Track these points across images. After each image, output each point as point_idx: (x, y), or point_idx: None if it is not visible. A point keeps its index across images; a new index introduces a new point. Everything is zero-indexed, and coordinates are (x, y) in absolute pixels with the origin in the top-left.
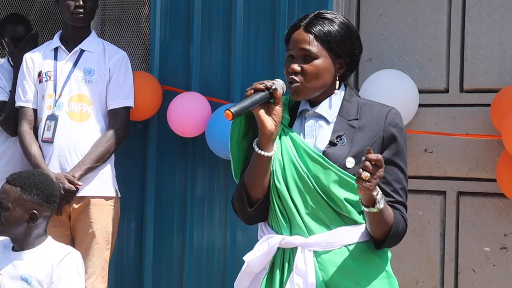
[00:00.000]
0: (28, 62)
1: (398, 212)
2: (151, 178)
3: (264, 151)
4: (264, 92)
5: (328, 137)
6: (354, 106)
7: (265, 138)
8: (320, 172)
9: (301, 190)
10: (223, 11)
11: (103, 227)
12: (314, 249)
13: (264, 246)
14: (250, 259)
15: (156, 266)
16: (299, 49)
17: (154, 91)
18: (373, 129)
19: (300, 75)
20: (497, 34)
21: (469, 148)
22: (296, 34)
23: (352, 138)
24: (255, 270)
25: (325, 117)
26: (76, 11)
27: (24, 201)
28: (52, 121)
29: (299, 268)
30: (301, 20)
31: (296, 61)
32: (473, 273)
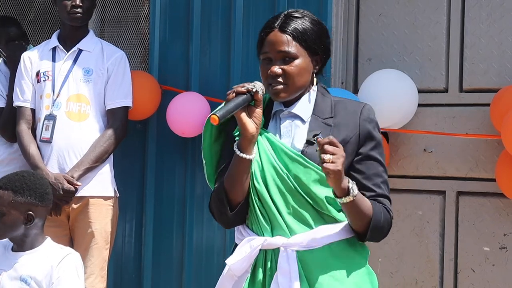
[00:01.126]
0: (26, 61)
1: (380, 205)
2: (151, 177)
3: (246, 154)
4: (246, 95)
5: (304, 137)
6: (328, 104)
7: (246, 141)
8: (300, 172)
9: (282, 191)
10: (222, 11)
11: (102, 227)
12: (296, 249)
13: (246, 249)
14: (233, 262)
15: (156, 266)
16: (278, 51)
17: (153, 91)
18: (348, 126)
19: (282, 77)
20: (497, 34)
21: (468, 148)
22: (272, 36)
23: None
24: (237, 273)
25: (300, 116)
26: (73, 10)
27: (18, 204)
28: (50, 121)
29: (283, 269)
30: (273, 22)
31: (275, 63)
32: (473, 273)
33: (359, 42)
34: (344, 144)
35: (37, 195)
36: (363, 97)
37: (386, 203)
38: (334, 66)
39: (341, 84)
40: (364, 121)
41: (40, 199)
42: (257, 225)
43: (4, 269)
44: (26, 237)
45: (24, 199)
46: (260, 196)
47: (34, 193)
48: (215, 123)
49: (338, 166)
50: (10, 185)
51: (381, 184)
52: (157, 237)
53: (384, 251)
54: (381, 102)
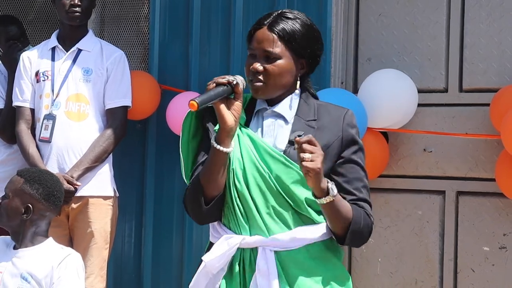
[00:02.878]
0: (25, 61)
1: (361, 209)
2: (150, 177)
3: (223, 146)
4: (226, 86)
5: (286, 137)
6: (311, 107)
7: (224, 133)
8: (282, 172)
9: (262, 190)
10: (222, 11)
11: (101, 226)
12: (275, 249)
13: (224, 247)
14: (209, 259)
15: (155, 266)
16: (262, 49)
17: (152, 91)
18: (331, 130)
19: (262, 74)
20: (496, 33)
21: (468, 148)
22: (260, 33)
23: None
24: (213, 270)
25: (284, 116)
26: (72, 10)
27: (23, 193)
28: (49, 120)
29: (261, 269)
30: (264, 19)
31: (258, 60)
32: (472, 273)
33: (359, 42)
34: (327, 147)
35: (43, 192)
36: (363, 97)
37: (366, 207)
38: (333, 66)
39: (341, 84)
40: (347, 125)
41: (45, 197)
42: (235, 224)
43: (5, 266)
44: (24, 231)
45: (30, 190)
46: (240, 195)
47: (42, 189)
48: (193, 109)
49: (317, 164)
50: (25, 174)
51: (362, 188)
52: (157, 237)
53: (384, 251)
54: (381, 102)
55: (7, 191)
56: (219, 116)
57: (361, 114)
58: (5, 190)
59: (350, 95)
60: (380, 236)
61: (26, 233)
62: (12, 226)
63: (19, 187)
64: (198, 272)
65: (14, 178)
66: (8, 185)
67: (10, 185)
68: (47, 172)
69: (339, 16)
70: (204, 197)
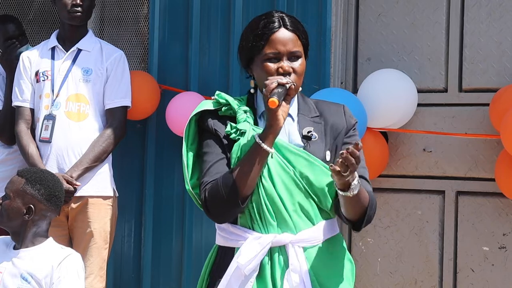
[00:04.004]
0: (25, 61)
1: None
2: (150, 177)
3: (270, 146)
4: (285, 87)
5: (296, 134)
6: (309, 104)
7: (273, 134)
8: (305, 168)
9: (288, 187)
10: (221, 11)
11: (101, 226)
12: (303, 245)
13: (256, 247)
14: (245, 261)
15: (155, 266)
16: (288, 50)
17: (152, 91)
18: (337, 124)
19: (292, 74)
20: (496, 33)
21: (468, 148)
22: (280, 35)
23: (323, 133)
24: (246, 272)
25: (291, 114)
26: (73, 9)
27: (25, 193)
28: (49, 120)
29: (294, 266)
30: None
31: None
32: (472, 273)
33: (359, 41)
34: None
35: (45, 193)
36: (362, 97)
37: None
38: (333, 66)
39: (341, 84)
40: (349, 117)
41: (47, 197)
42: (260, 222)
43: (5, 266)
44: (25, 232)
45: (31, 191)
46: (267, 193)
47: (44, 190)
48: (274, 106)
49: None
50: (26, 174)
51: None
52: (156, 237)
53: (384, 251)
54: (381, 101)
55: (7, 192)
56: (272, 116)
57: (360, 114)
58: (6, 191)
59: (349, 95)
60: (380, 236)
61: (27, 234)
62: (13, 226)
63: (20, 187)
64: (229, 274)
65: (14, 178)
66: (8, 186)
67: (11, 186)
68: (48, 172)
69: (338, 16)
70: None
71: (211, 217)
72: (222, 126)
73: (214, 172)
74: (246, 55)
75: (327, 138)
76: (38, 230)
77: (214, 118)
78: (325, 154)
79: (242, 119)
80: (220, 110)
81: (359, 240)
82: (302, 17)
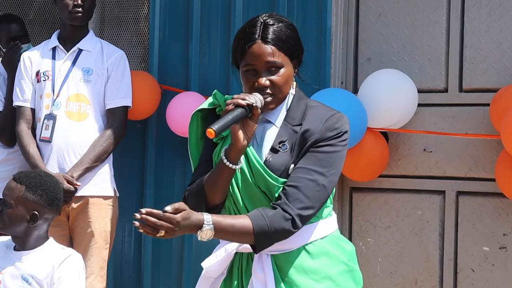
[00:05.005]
0: (26, 61)
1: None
2: (150, 177)
3: (232, 163)
4: (245, 108)
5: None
6: (301, 110)
7: (236, 152)
8: (262, 182)
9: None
10: (221, 11)
11: (101, 226)
12: (271, 253)
13: (221, 252)
14: (208, 265)
15: (155, 266)
16: (264, 62)
17: (153, 91)
18: (310, 132)
19: (269, 88)
20: (496, 33)
21: (468, 148)
22: (256, 48)
23: (293, 144)
24: (213, 275)
25: (274, 123)
26: (75, 10)
27: (27, 201)
28: (50, 120)
29: (258, 274)
30: (252, 32)
31: (261, 75)
32: (472, 273)
33: (359, 42)
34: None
35: (47, 197)
36: (362, 97)
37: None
38: (333, 66)
39: (341, 84)
40: (326, 129)
41: (49, 202)
42: None
43: (6, 267)
44: (28, 236)
45: (34, 197)
46: (236, 200)
47: (46, 195)
48: (211, 136)
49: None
50: (25, 180)
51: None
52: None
53: (384, 251)
54: (381, 102)
55: (8, 199)
56: (232, 134)
57: (361, 114)
58: (5, 198)
59: (350, 95)
60: (380, 236)
61: (30, 238)
62: (16, 232)
63: (21, 195)
64: (201, 277)
65: (13, 185)
66: (7, 193)
67: (11, 193)
68: (46, 174)
69: (339, 16)
70: (206, 203)
71: None
72: None
73: (197, 173)
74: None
75: (296, 149)
76: (40, 233)
77: (212, 117)
78: (289, 167)
79: None
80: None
81: (360, 240)
82: (302, 17)
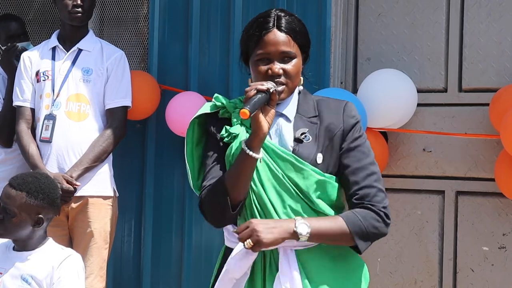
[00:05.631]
0: (25, 61)
1: (361, 209)
2: (150, 177)
3: (255, 152)
4: (265, 93)
5: (291, 135)
6: (310, 103)
7: (258, 140)
8: (292, 172)
9: (278, 191)
10: (221, 11)
11: (101, 226)
12: (295, 248)
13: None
14: (232, 265)
15: (155, 266)
16: (279, 51)
17: (152, 91)
18: (333, 123)
19: (283, 76)
20: (496, 33)
21: (467, 148)
22: (271, 36)
23: (316, 135)
24: (236, 275)
25: (286, 115)
26: (74, 10)
27: (30, 206)
28: (50, 120)
29: (284, 270)
30: (266, 21)
31: (274, 63)
32: (472, 273)
33: (358, 42)
34: (330, 140)
35: (49, 199)
36: (362, 97)
37: (372, 197)
38: (333, 66)
39: (340, 84)
40: (347, 116)
41: (51, 203)
42: None
43: (6, 268)
44: (31, 238)
45: (36, 202)
46: (258, 197)
47: (47, 197)
48: (245, 117)
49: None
50: (24, 187)
51: (367, 176)
52: (156, 236)
53: (383, 251)
54: (380, 101)
55: (10, 208)
56: (255, 123)
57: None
58: (7, 207)
59: (349, 95)
60: None
61: (34, 239)
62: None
63: (23, 201)
64: (221, 278)
65: (13, 193)
66: (8, 202)
67: (13, 202)
68: (42, 176)
69: (338, 16)
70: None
71: (208, 221)
72: (220, 128)
73: (211, 177)
74: (243, 53)
75: (321, 140)
76: (41, 233)
77: (214, 121)
78: (316, 157)
79: (235, 122)
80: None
81: None
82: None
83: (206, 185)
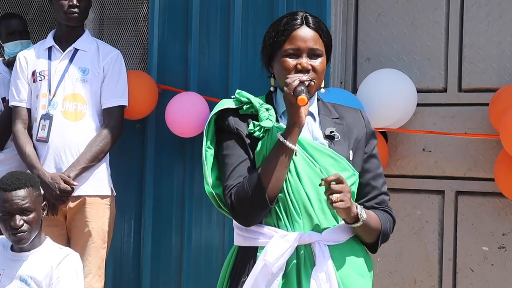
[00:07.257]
0: (21, 61)
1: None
2: (149, 177)
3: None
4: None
5: (319, 133)
6: (328, 106)
7: (297, 131)
8: (331, 165)
9: (314, 184)
10: (221, 12)
11: (99, 226)
12: (329, 243)
13: (283, 244)
14: (273, 259)
15: (154, 265)
16: (308, 48)
17: (149, 90)
18: (357, 127)
19: (311, 72)
20: (496, 33)
21: (467, 148)
22: (301, 31)
23: (345, 134)
24: (274, 270)
25: (313, 114)
26: (70, 10)
27: (39, 197)
28: (46, 120)
29: (321, 264)
30: (295, 19)
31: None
32: (471, 273)
33: (358, 41)
34: (357, 143)
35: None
36: (362, 97)
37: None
38: (333, 66)
39: (340, 84)
40: (368, 122)
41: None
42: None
43: (4, 268)
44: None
45: (39, 191)
46: (294, 189)
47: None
48: (304, 103)
49: (347, 204)
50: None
51: (384, 183)
52: (156, 236)
53: (383, 251)
54: (380, 101)
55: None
56: (295, 113)
57: None
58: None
59: (349, 95)
60: None
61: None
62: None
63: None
64: (256, 273)
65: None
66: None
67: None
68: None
69: (338, 16)
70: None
71: (239, 221)
72: (243, 124)
73: (237, 175)
74: (267, 52)
75: (350, 139)
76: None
77: (235, 117)
78: (349, 154)
79: (264, 117)
80: (241, 109)
81: None
82: None
83: (233, 184)
